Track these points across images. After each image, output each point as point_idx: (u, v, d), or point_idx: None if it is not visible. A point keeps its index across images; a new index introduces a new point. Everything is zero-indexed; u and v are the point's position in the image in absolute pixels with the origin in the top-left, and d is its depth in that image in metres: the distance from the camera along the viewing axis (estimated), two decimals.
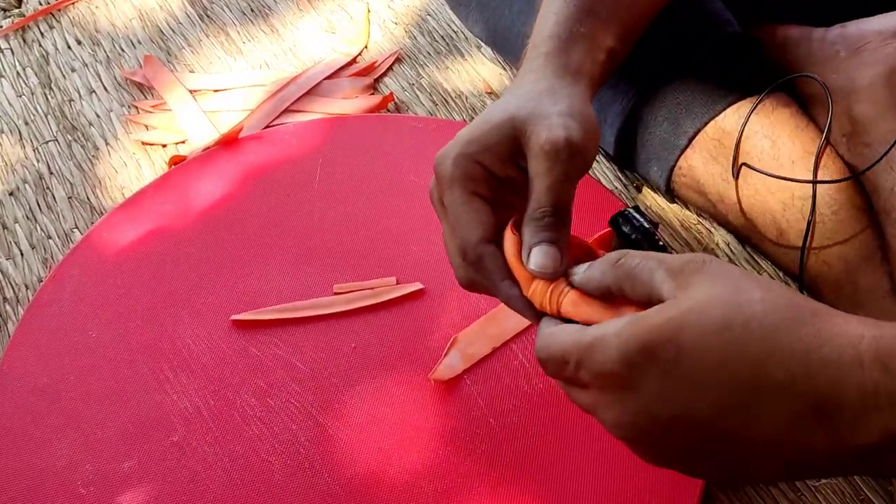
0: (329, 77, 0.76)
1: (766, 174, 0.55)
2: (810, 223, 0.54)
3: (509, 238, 0.41)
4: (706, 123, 0.58)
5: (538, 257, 0.40)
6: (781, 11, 0.63)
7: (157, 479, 0.50)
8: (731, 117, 0.58)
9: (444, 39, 0.78)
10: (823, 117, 0.57)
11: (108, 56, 0.79)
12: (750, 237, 0.60)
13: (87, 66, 0.78)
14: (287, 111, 0.73)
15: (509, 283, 0.41)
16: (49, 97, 0.76)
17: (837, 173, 0.56)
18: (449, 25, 0.79)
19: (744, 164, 0.57)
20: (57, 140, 0.72)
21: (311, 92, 0.75)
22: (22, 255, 0.65)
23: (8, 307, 0.62)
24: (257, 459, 0.50)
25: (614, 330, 0.34)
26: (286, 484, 0.49)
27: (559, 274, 0.39)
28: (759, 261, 0.60)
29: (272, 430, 0.52)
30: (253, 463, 0.50)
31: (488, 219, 0.42)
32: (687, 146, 0.59)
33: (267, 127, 0.71)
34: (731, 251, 0.61)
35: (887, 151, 0.52)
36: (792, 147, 0.57)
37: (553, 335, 0.37)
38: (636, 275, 0.35)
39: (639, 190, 0.65)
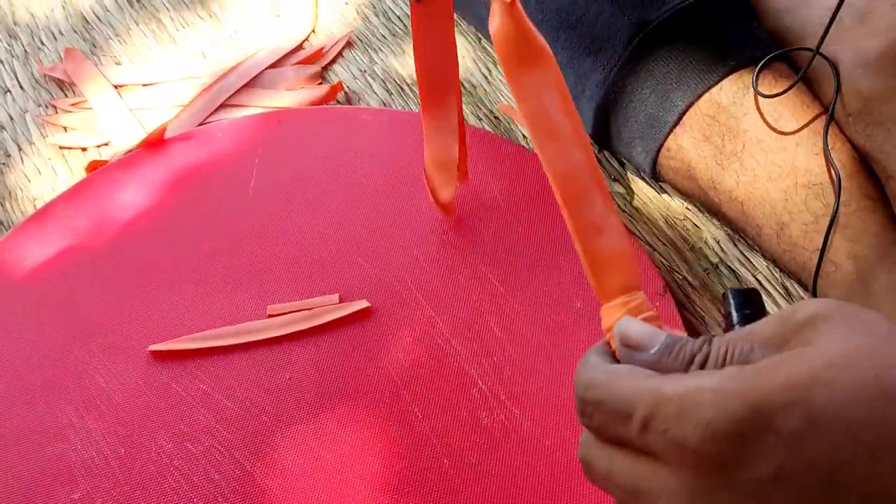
0: (272, 66, 0.68)
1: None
2: (835, 215, 0.47)
3: None
4: (699, 97, 0.51)
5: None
6: None
7: None
8: (728, 90, 0.51)
9: (402, 20, 0.70)
10: (827, 94, 0.50)
11: (25, 50, 0.71)
12: (746, 231, 0.52)
13: (2, 62, 0.70)
14: (223, 106, 0.65)
15: None
16: None
17: (847, 157, 0.49)
18: (406, 4, 0.71)
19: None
20: None
21: (252, 83, 0.67)
22: None
23: None
24: None
25: (714, 383, 0.24)
26: None
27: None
28: (752, 261, 0.52)
29: (191, 482, 0.44)
30: None
31: None
32: (676, 123, 0.52)
33: (200, 125, 0.63)
34: (722, 250, 0.54)
35: None
36: (796, 126, 0.50)
37: (617, 374, 0.27)
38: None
39: (620, 174, 0.57)
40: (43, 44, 0.71)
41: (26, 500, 0.44)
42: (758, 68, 0.50)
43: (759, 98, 0.50)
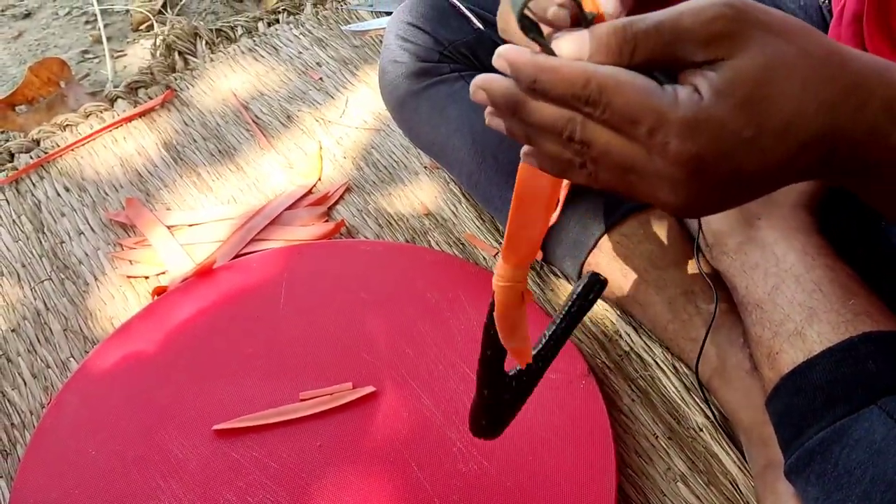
0: (289, 208, 0.88)
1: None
2: (715, 311, 0.66)
3: None
4: (609, 229, 0.71)
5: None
6: None
7: None
8: (629, 225, 0.71)
9: (387, 169, 0.91)
10: (695, 230, 0.70)
11: (93, 200, 0.90)
12: (645, 325, 0.72)
13: (75, 210, 0.89)
14: (254, 240, 0.85)
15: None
16: (42, 241, 0.86)
17: (709, 274, 0.69)
18: (391, 156, 0.92)
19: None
20: (51, 279, 0.83)
21: (274, 222, 0.86)
22: (25, 384, 0.74)
23: (16, 432, 0.71)
24: None
25: (706, 110, 0.34)
26: None
27: None
28: (652, 349, 0.72)
29: None
30: None
31: None
32: (594, 246, 0.72)
33: (237, 256, 0.82)
34: (631, 340, 0.73)
35: None
36: (674, 251, 0.70)
37: (628, 83, 0.34)
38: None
39: (552, 290, 0.77)
40: (107, 194, 0.91)
41: None
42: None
43: (649, 230, 0.71)
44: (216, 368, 0.71)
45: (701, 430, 0.67)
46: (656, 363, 0.71)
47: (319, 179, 0.91)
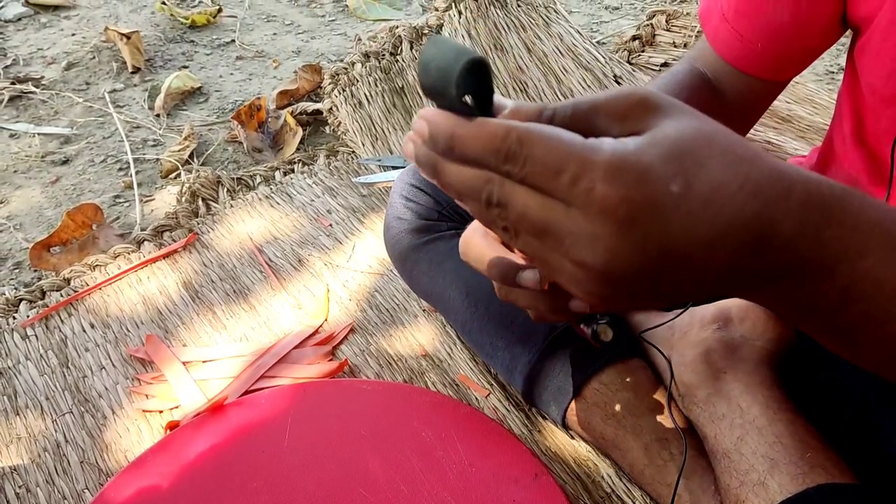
0: (296, 346, 0.95)
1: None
2: (685, 460, 0.71)
3: None
4: (590, 377, 0.77)
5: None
6: None
7: None
8: (608, 374, 0.77)
9: (389, 312, 0.99)
10: (667, 380, 0.77)
11: (116, 336, 0.97)
12: (623, 468, 0.77)
13: (98, 346, 0.96)
14: (263, 377, 0.91)
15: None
16: (66, 374, 0.93)
17: (681, 422, 0.74)
18: (392, 299, 1.00)
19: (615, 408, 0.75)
20: (72, 412, 0.89)
21: (282, 359, 0.93)
22: None
23: None
24: None
25: (631, 155, 0.33)
26: None
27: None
28: (632, 491, 0.77)
29: None
30: None
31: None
32: (576, 394, 0.78)
33: (246, 392, 0.89)
34: (613, 482, 0.78)
35: None
36: (649, 400, 0.76)
37: (550, 134, 0.33)
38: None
39: (540, 431, 0.82)
40: (129, 331, 0.98)
41: None
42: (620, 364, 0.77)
43: (625, 379, 0.77)
44: (224, 502, 0.76)
45: None
46: (622, 502, 0.76)
47: (326, 320, 0.98)
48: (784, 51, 0.67)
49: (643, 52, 1.45)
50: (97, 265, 1.07)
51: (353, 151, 1.26)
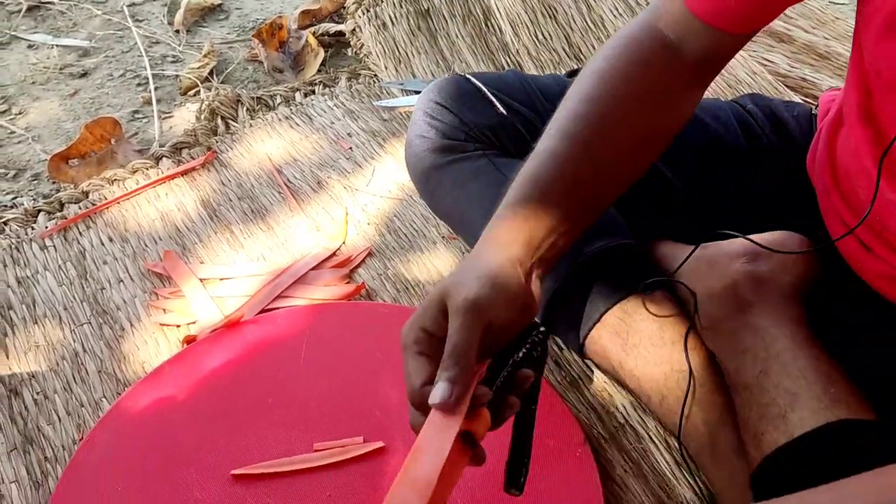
0: (314, 268, 0.94)
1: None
2: (688, 393, 0.71)
3: None
4: (612, 306, 0.76)
5: (436, 391, 0.52)
6: (665, 229, 0.83)
7: None
8: (631, 303, 0.76)
9: (407, 237, 0.97)
10: (691, 313, 0.75)
11: (134, 251, 0.97)
12: (640, 399, 0.77)
13: (116, 259, 0.96)
14: (279, 297, 0.91)
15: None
16: (84, 286, 0.93)
17: (703, 356, 0.73)
18: (411, 225, 0.99)
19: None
20: (90, 322, 0.89)
21: (300, 280, 0.93)
22: (60, 420, 0.80)
23: (48, 465, 0.76)
24: None
25: None
26: None
27: (451, 405, 0.51)
28: (647, 422, 0.76)
29: None
30: None
31: (425, 369, 0.55)
32: (597, 322, 0.77)
33: (263, 311, 0.88)
34: (627, 413, 0.77)
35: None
36: (671, 332, 0.74)
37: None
38: None
39: (556, 362, 0.82)
40: (147, 246, 0.98)
41: None
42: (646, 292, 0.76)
43: (647, 311, 0.76)
44: (238, 416, 0.76)
45: None
46: (650, 437, 0.75)
47: (343, 243, 0.97)
48: (761, 1, 0.64)
49: None
50: (115, 179, 1.06)
51: (376, 75, 1.23)
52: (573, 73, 0.81)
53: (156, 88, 1.25)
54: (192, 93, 1.25)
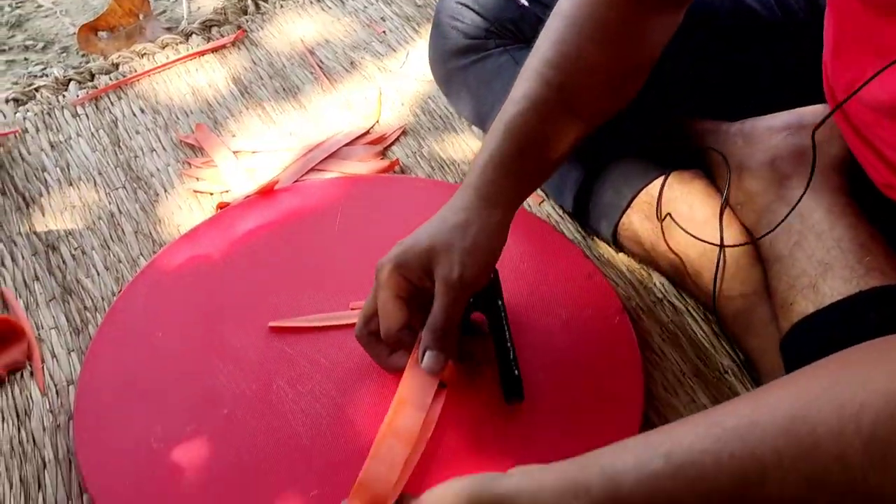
0: (347, 144, 0.94)
1: (687, 234, 0.73)
2: (718, 266, 0.71)
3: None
4: (641, 190, 0.76)
5: (428, 360, 0.60)
6: (699, 109, 0.82)
7: (212, 439, 0.64)
8: (658, 185, 0.76)
9: (441, 118, 0.97)
10: (724, 189, 0.75)
11: (165, 122, 0.97)
12: (675, 277, 0.77)
13: (148, 130, 0.96)
14: (313, 170, 0.91)
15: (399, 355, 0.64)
16: (118, 153, 0.93)
17: (737, 231, 0.73)
18: (446, 108, 0.98)
19: (668, 213, 0.74)
20: (125, 187, 0.89)
21: (333, 155, 0.92)
22: (98, 274, 0.81)
23: (88, 314, 0.77)
24: (289, 429, 0.65)
25: None
26: (311, 447, 0.64)
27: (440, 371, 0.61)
28: (685, 297, 0.77)
29: (300, 407, 0.67)
30: (285, 432, 0.65)
31: (404, 314, 0.61)
32: (627, 207, 0.76)
33: (296, 181, 0.88)
34: (664, 289, 0.78)
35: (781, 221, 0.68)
36: (703, 210, 0.74)
37: None
38: None
39: (593, 239, 0.82)
40: (178, 119, 0.97)
41: (194, 416, 0.66)
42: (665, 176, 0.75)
43: (679, 190, 0.75)
44: (273, 276, 0.77)
45: (726, 371, 0.71)
46: (688, 310, 0.75)
47: (377, 122, 0.96)
48: None
49: None
50: (145, 53, 1.04)
51: None
52: None
53: None
54: None
